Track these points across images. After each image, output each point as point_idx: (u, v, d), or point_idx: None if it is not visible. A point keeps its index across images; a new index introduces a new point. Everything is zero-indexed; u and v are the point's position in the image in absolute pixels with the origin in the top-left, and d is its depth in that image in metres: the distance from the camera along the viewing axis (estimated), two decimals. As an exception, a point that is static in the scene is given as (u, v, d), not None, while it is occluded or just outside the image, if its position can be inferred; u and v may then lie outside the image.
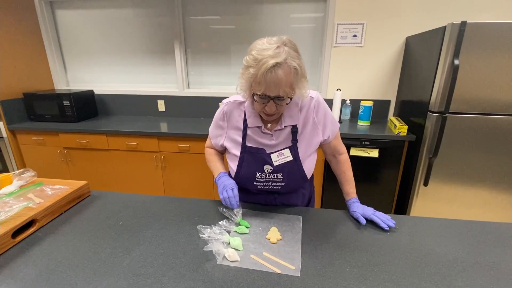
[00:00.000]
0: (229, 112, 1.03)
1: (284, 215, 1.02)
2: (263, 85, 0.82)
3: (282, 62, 0.79)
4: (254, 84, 0.84)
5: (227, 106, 1.04)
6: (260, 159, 0.98)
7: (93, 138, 2.35)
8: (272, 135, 0.98)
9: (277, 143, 0.99)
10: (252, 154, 0.99)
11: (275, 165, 0.97)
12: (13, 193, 1.02)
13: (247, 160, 1.00)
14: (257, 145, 0.99)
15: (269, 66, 0.78)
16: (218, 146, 1.11)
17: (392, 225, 0.92)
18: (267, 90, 0.83)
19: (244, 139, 1.00)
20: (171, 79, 2.83)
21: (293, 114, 0.97)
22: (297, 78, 0.84)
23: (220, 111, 1.06)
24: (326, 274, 0.73)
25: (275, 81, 0.80)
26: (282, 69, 0.80)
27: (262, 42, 0.84)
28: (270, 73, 0.79)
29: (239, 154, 1.01)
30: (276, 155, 0.98)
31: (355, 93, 2.50)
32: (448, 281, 0.71)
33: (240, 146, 1.01)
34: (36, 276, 0.72)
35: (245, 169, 1.00)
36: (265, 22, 2.53)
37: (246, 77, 0.86)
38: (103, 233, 0.90)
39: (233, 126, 1.03)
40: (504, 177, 1.85)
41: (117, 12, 2.69)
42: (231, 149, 1.03)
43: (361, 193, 2.19)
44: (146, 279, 0.71)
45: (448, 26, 1.65)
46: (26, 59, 2.61)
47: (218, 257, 0.77)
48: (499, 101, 1.71)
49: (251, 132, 1.00)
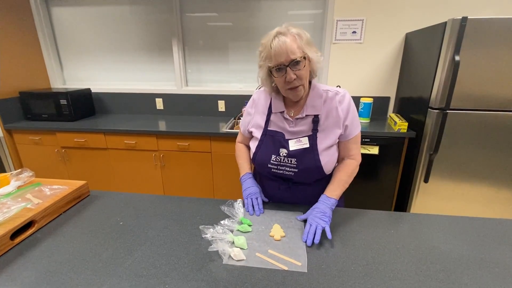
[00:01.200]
0: (257, 99, 1.10)
1: (286, 212, 1.01)
2: (273, 55, 0.87)
3: (284, 31, 0.88)
4: (268, 61, 0.90)
5: (257, 94, 1.11)
6: (277, 142, 1.01)
7: (91, 137, 2.32)
8: (293, 122, 1.01)
9: (297, 131, 1.01)
10: (271, 137, 1.03)
11: (291, 150, 0.99)
12: (11, 194, 1.00)
13: (266, 143, 1.04)
14: (278, 129, 1.03)
15: (272, 36, 0.87)
16: (247, 133, 1.14)
17: (309, 244, 0.83)
18: (277, 57, 0.87)
19: (267, 123, 1.04)
20: (169, 77, 2.80)
21: (316, 105, 0.99)
22: (303, 42, 0.89)
23: (250, 100, 1.13)
24: (331, 272, 0.72)
25: (282, 46, 0.86)
26: (285, 36, 0.87)
27: (267, 33, 0.92)
28: (274, 40, 0.86)
29: (260, 136, 1.05)
30: (294, 141, 1.00)
31: (354, 90, 2.49)
32: (453, 279, 0.71)
33: (262, 129, 1.05)
34: (36, 279, 0.70)
35: (263, 150, 1.04)
36: (263, 19, 2.51)
37: (261, 62, 0.93)
38: (103, 233, 0.89)
39: (260, 111, 1.08)
40: (505, 174, 1.85)
41: (114, 9, 2.65)
42: (255, 133, 1.08)
43: (361, 191, 2.21)
44: (148, 280, 0.69)
45: (449, 22, 1.64)
46: (21, 57, 2.57)
47: (224, 257, 0.76)
48: (500, 97, 1.71)
49: (274, 118, 1.04)
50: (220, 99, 2.68)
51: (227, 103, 2.68)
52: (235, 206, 0.97)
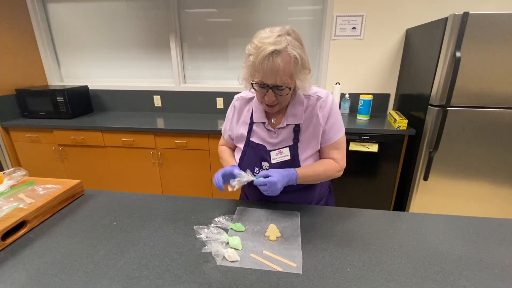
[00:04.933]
0: (239, 107, 1.06)
1: (282, 211, 1.00)
2: (261, 72, 0.81)
3: (281, 50, 0.78)
4: (253, 72, 0.84)
5: (238, 101, 1.07)
6: (259, 155, 0.99)
7: (88, 135, 2.31)
8: (275, 132, 0.98)
9: (279, 141, 0.98)
10: (253, 148, 1.01)
11: (273, 163, 0.97)
12: (3, 194, 0.99)
13: (248, 154, 1.02)
14: (259, 141, 1.00)
15: (267, 52, 0.78)
16: (230, 139, 1.12)
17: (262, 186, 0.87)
18: (265, 77, 0.82)
19: (249, 133, 1.02)
20: (167, 74, 2.78)
21: (297, 113, 0.95)
22: (297, 68, 0.82)
23: (231, 106, 1.09)
24: (327, 274, 0.71)
25: (272, 69, 0.79)
26: (281, 57, 0.79)
27: (265, 31, 0.84)
28: (267, 59, 0.78)
29: (243, 147, 1.03)
30: (275, 153, 0.97)
31: (354, 87, 2.46)
32: (451, 280, 0.69)
33: (245, 140, 1.02)
34: (26, 280, 0.69)
35: (245, 161, 1.02)
36: (263, 15, 2.47)
37: (247, 65, 0.86)
38: (96, 234, 0.87)
39: (242, 120, 1.05)
40: (506, 171, 1.83)
41: (111, 5, 2.62)
42: (238, 142, 1.06)
43: (360, 188, 2.20)
44: (140, 282, 0.68)
45: (450, 18, 1.61)
46: (18, 54, 2.55)
47: (218, 258, 0.75)
48: (502, 94, 1.69)
49: (256, 128, 1.01)
50: (219, 96, 2.66)
51: (226, 100, 2.66)
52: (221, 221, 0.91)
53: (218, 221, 0.90)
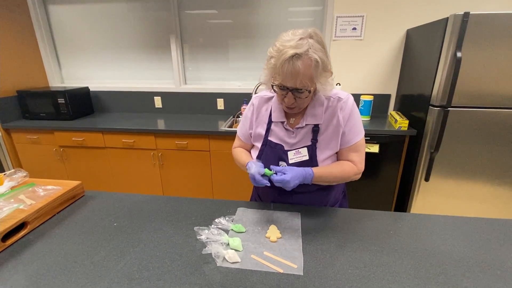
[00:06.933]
0: (258, 106, 1.05)
1: (282, 212, 0.99)
2: (281, 75, 0.82)
3: (302, 53, 0.79)
4: (274, 74, 0.85)
5: (256, 100, 1.07)
6: (277, 154, 0.99)
7: (89, 136, 2.31)
8: (294, 132, 0.98)
9: (297, 141, 0.98)
10: (271, 148, 1.01)
11: (290, 163, 0.97)
12: (4, 195, 0.99)
13: (266, 153, 1.01)
14: (277, 141, 1.00)
15: (287, 56, 0.78)
16: (248, 139, 1.10)
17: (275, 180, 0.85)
18: (285, 80, 0.83)
19: (267, 133, 1.02)
20: (168, 75, 2.78)
21: (317, 114, 0.96)
22: (318, 71, 0.83)
23: (250, 104, 1.09)
24: (328, 275, 0.71)
25: (292, 72, 0.80)
26: (301, 61, 0.79)
27: (287, 34, 0.85)
28: (288, 63, 0.79)
29: (260, 146, 1.03)
30: (293, 153, 0.97)
31: (354, 88, 2.46)
32: (454, 282, 0.69)
33: (263, 139, 1.02)
34: (26, 281, 0.69)
35: (263, 161, 0.99)
36: (263, 16, 2.47)
37: (268, 68, 0.87)
38: (97, 235, 0.87)
39: (260, 120, 1.05)
40: (507, 172, 1.83)
41: (112, 7, 2.63)
42: (255, 141, 1.06)
43: (362, 189, 2.19)
44: (141, 283, 0.68)
45: (451, 18, 1.60)
46: (19, 56, 2.56)
47: (218, 260, 0.75)
48: (503, 94, 1.68)
49: (275, 127, 1.01)
50: (219, 97, 2.66)
51: (226, 101, 2.66)
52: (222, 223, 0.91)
53: (219, 222, 0.90)
